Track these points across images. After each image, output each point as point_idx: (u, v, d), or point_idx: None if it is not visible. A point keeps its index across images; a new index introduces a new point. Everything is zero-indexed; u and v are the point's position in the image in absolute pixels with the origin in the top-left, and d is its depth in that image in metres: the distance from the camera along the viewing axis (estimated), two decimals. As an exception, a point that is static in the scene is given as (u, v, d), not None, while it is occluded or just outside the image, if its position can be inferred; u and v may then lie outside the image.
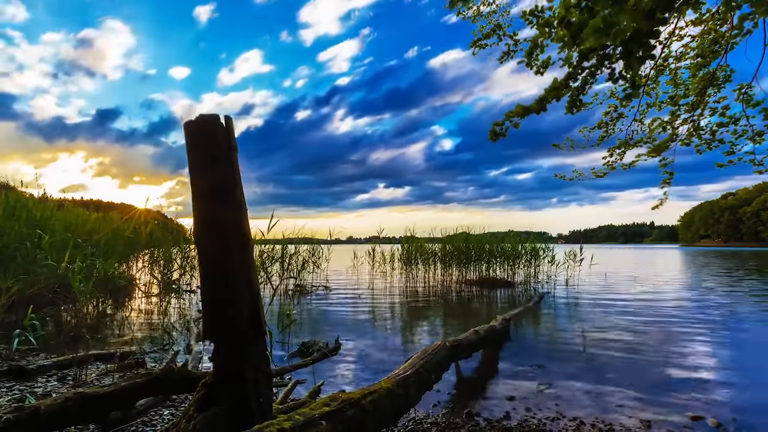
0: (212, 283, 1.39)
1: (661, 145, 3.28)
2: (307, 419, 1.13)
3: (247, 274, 1.43)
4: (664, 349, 3.84)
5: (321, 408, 1.23)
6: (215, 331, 1.37)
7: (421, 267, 9.51)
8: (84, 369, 3.04)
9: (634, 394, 2.68)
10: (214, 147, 1.48)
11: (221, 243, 1.41)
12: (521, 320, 5.18)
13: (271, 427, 1.02)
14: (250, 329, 1.40)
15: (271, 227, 4.26)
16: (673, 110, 3.31)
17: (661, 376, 3.08)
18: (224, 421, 1.23)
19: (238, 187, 1.51)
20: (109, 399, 1.93)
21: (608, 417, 2.34)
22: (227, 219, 1.45)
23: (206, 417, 1.21)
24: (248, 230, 1.49)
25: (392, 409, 1.53)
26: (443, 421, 2.22)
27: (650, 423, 2.26)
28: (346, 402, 1.30)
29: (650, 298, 7.30)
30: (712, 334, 4.46)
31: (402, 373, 1.81)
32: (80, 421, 1.90)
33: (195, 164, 1.49)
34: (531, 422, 2.24)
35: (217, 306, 1.38)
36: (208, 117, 1.49)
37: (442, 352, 2.34)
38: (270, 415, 1.39)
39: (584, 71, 2.27)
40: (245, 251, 1.44)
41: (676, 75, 3.95)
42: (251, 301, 1.42)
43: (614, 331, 4.57)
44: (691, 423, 2.28)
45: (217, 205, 1.46)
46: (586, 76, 2.33)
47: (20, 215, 4.89)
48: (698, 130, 3.36)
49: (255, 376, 1.39)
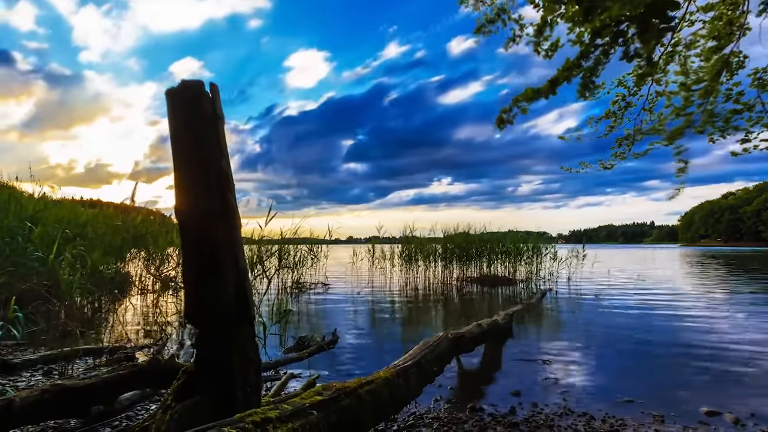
0: (195, 260, 1.27)
1: (675, 132, 3.16)
2: (296, 408, 1.01)
3: (233, 251, 1.31)
4: (673, 344, 3.72)
5: (312, 397, 1.11)
6: (198, 313, 1.26)
7: (422, 264, 9.39)
8: (71, 364, 2.93)
9: (645, 390, 2.56)
10: (199, 115, 1.37)
11: (204, 216, 1.30)
12: (524, 316, 5.07)
13: (254, 416, 0.90)
14: (236, 311, 1.28)
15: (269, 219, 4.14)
16: (686, 95, 3.19)
17: (671, 371, 2.96)
18: (206, 411, 1.12)
19: (224, 158, 1.40)
20: (89, 392, 1.81)
21: (619, 412, 2.23)
22: (212, 192, 1.33)
23: (186, 407, 1.10)
24: (233, 202, 1.38)
25: (391, 400, 1.41)
26: (446, 416, 2.10)
27: (663, 418, 2.14)
28: (341, 391, 1.19)
29: (655, 294, 7.18)
30: (721, 329, 4.34)
31: (402, 364, 1.69)
32: (58, 415, 1.78)
33: (177, 134, 1.37)
34: (538, 417, 2.12)
35: (200, 285, 1.26)
36: (192, 83, 1.38)
37: (444, 344, 2.22)
38: (258, 405, 1.27)
39: (597, 49, 2.16)
40: (231, 225, 1.33)
41: (685, 64, 3.84)
42: (238, 280, 1.30)
43: (620, 327, 4.45)
44: (707, 419, 2.16)
45: (199, 179, 1.34)
46: (599, 55, 2.22)
47: (10, 209, 4.77)
48: (712, 117, 3.24)
49: (242, 363, 1.27)
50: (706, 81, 3.25)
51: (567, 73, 2.15)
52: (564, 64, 2.15)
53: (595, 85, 2.36)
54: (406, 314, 5.41)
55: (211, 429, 0.81)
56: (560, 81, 2.18)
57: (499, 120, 2.62)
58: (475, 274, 9.44)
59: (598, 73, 2.27)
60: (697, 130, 3.37)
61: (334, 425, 1.08)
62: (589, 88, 2.32)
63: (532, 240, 9.91)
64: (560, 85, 2.23)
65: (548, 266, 9.89)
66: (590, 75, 2.25)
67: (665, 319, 4.94)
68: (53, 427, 1.85)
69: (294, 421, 0.96)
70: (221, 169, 1.38)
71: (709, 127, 3.46)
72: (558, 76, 2.15)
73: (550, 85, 2.19)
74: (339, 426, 1.10)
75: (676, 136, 3.14)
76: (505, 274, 9.48)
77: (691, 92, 3.10)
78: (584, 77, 2.27)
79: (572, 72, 2.15)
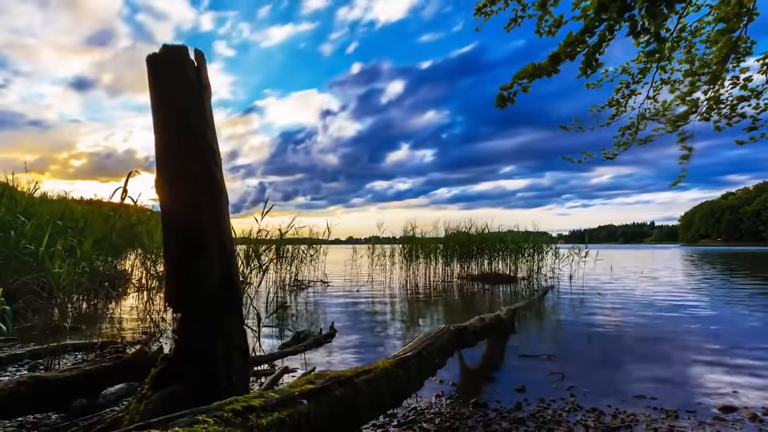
0: (176, 239, 1.17)
1: (680, 117, 3.06)
2: (284, 397, 0.91)
3: (219, 230, 1.21)
4: (680, 339, 3.62)
5: (303, 386, 1.01)
6: (180, 297, 1.15)
7: (422, 261, 9.29)
8: (59, 359, 2.82)
9: (654, 385, 2.46)
10: (182, 83, 1.27)
11: (187, 192, 1.20)
12: (527, 313, 4.96)
13: (235, 404, 0.80)
14: (222, 294, 1.18)
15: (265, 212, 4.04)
16: (693, 80, 3.09)
17: (679, 366, 2.86)
18: (186, 400, 1.01)
19: (210, 130, 1.29)
20: (70, 384, 1.71)
21: (629, 408, 2.12)
22: (195, 166, 1.23)
23: (163, 396, 0.99)
24: (220, 178, 1.27)
25: (390, 392, 1.31)
26: (448, 411, 2.00)
27: (677, 414, 2.04)
28: (335, 380, 1.09)
29: (660, 290, 7.07)
30: (730, 324, 4.24)
31: (402, 355, 1.59)
32: (37, 408, 1.68)
33: (159, 103, 1.27)
34: (545, 413, 2.02)
35: (182, 267, 1.16)
36: (175, 48, 1.28)
37: (446, 336, 2.12)
38: (245, 396, 1.17)
39: (602, 24, 2.06)
40: (216, 202, 1.23)
41: (689, 52, 3.73)
42: (223, 261, 1.20)
43: (626, 323, 4.35)
44: (722, 414, 2.05)
45: (183, 151, 1.24)
46: (604, 30, 2.12)
47: (2, 202, 4.68)
48: (718, 104, 3.14)
49: (227, 349, 1.17)
50: (714, 65, 3.15)
51: (570, 48, 2.05)
52: (566, 38, 2.05)
53: (598, 62, 2.26)
54: (406, 311, 5.30)
55: (183, 417, 0.71)
56: (562, 57, 2.07)
57: (500, 98, 2.51)
58: (476, 271, 9.34)
59: (602, 50, 2.17)
60: (702, 117, 3.27)
61: (326, 416, 0.98)
62: (591, 65, 2.22)
63: (533, 240, 9.81)
64: (562, 62, 2.13)
65: (550, 263, 9.79)
66: (594, 52, 2.14)
67: (671, 315, 4.84)
68: (32, 422, 1.75)
69: (281, 411, 0.86)
70: (206, 142, 1.28)
71: (714, 115, 3.36)
72: (559, 52, 2.05)
73: (550, 60, 2.09)
74: (332, 417, 1.00)
75: (680, 121, 3.04)
76: (506, 272, 9.38)
77: (697, 77, 3.00)
78: (587, 54, 2.16)
79: (575, 48, 2.04)
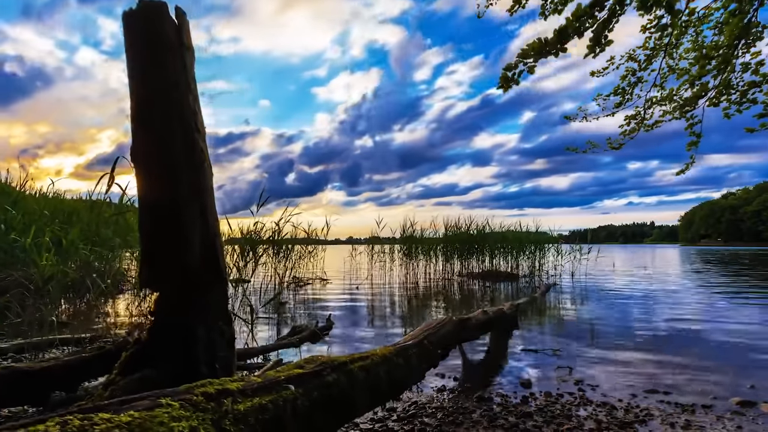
0: (152, 210, 1.06)
1: (689, 102, 2.94)
2: (268, 381, 0.80)
3: (200, 201, 1.10)
4: (690, 335, 3.50)
5: (291, 370, 0.90)
6: (156, 273, 1.04)
7: (422, 258, 9.18)
8: (44, 353, 2.71)
9: (666, 380, 2.34)
10: (160, 42, 1.16)
11: (165, 159, 1.08)
12: (530, 309, 4.85)
13: (208, 387, 0.69)
14: (204, 272, 1.07)
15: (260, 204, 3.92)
16: (702, 63, 2.98)
17: (691, 361, 2.74)
18: (159, 387, 0.90)
19: (191, 94, 1.18)
20: (46, 376, 1.59)
21: (641, 402, 2.01)
22: (175, 131, 1.12)
23: (131, 382, 0.88)
24: (203, 147, 1.16)
25: (389, 381, 1.20)
26: (450, 406, 1.89)
27: (693, 408, 1.93)
28: (327, 365, 0.97)
29: (664, 287, 6.95)
30: (739, 318, 4.12)
31: (402, 343, 1.48)
32: (10, 402, 1.57)
33: (135, 64, 1.16)
34: (554, 407, 1.91)
35: (158, 239, 1.05)
36: (153, 4, 1.17)
37: (448, 326, 2.01)
38: (228, 384, 1.05)
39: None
40: (199, 173, 1.12)
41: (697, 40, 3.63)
42: (206, 236, 1.09)
43: (631, 318, 4.24)
44: (740, 409, 1.94)
45: (161, 116, 1.13)
46: (614, 4, 2.01)
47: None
48: (728, 89, 3.03)
49: (209, 334, 1.06)
50: (724, 49, 3.04)
51: (578, 23, 1.93)
52: (575, 10, 1.93)
53: (607, 40, 2.14)
54: (405, 307, 5.19)
55: (142, 399, 0.60)
56: (569, 32, 1.96)
57: (503, 79, 2.39)
58: (477, 269, 9.22)
59: (612, 27, 2.05)
60: (711, 102, 3.16)
61: (317, 404, 0.87)
62: (600, 43, 2.10)
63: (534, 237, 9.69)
64: (570, 39, 2.01)
65: (552, 260, 9.68)
66: (603, 28, 2.03)
67: (677, 311, 4.72)
68: (6, 416, 1.63)
69: (263, 396, 0.75)
70: (187, 107, 1.16)
71: (724, 101, 3.26)
72: (567, 26, 1.93)
73: (558, 36, 1.97)
74: (323, 405, 0.89)
75: (690, 105, 2.93)
76: (507, 269, 9.27)
77: (707, 60, 2.89)
78: (597, 30, 2.05)
79: (584, 23, 1.93)
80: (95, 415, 0.53)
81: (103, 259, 4.51)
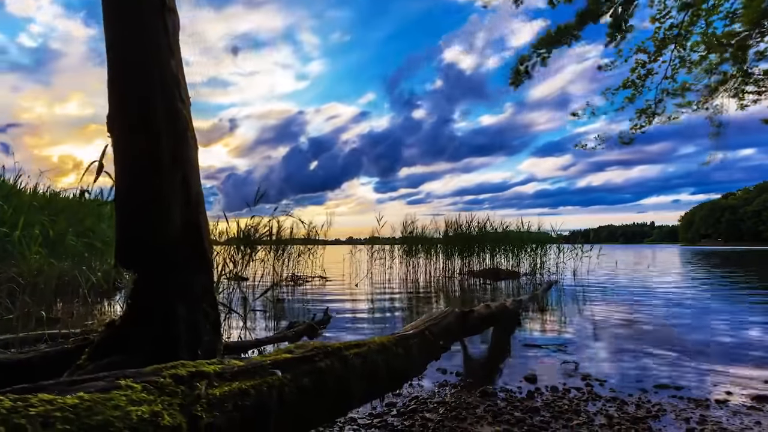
0: (129, 181, 0.97)
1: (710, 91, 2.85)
2: (251, 365, 0.71)
3: (181, 173, 1.01)
4: (697, 331, 3.41)
5: (279, 354, 0.81)
6: (133, 250, 0.95)
7: (423, 256, 9.08)
8: (32, 348, 2.62)
9: (676, 376, 2.26)
10: (140, 2, 1.07)
11: (145, 127, 0.99)
12: (532, 306, 4.76)
13: (180, 369, 0.60)
14: (185, 249, 0.98)
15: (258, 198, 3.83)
16: (720, 51, 2.89)
17: (702, 357, 2.65)
18: (132, 373, 0.81)
19: (173, 58, 1.09)
20: (25, 368, 1.50)
21: (653, 397, 1.93)
22: (155, 97, 1.03)
23: (97, 367, 0.79)
24: (186, 116, 1.07)
25: (387, 371, 1.11)
26: (453, 401, 1.79)
27: (707, 403, 1.84)
28: (319, 350, 0.88)
29: (667, 285, 6.86)
30: (746, 317, 4.04)
31: (402, 332, 1.39)
32: (-15, 396, 1.48)
33: (113, 25, 1.07)
34: (561, 402, 1.82)
35: (136, 214, 0.96)
36: (132, -40, 1.08)
37: (450, 317, 1.92)
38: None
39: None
40: (180, 140, 1.02)
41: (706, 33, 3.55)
42: (187, 211, 0.99)
43: (635, 315, 4.15)
44: (757, 404, 1.85)
45: (141, 80, 1.04)
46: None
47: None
48: (747, 77, 2.94)
49: (192, 315, 0.97)
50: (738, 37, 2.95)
51: (599, 6, 1.84)
52: (593, -9, 1.84)
53: (628, 26, 2.05)
54: (405, 305, 5.10)
55: (97, 380, 0.51)
56: (590, 15, 1.87)
57: (515, 74, 2.30)
58: (478, 267, 9.13)
59: (632, 12, 1.97)
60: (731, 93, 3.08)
61: (306, 392, 0.77)
62: (620, 29, 2.02)
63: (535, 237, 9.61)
64: (588, 23, 1.92)
65: (554, 258, 9.60)
66: (624, 11, 1.94)
67: (682, 309, 4.64)
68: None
69: (244, 381, 0.66)
70: (169, 71, 1.07)
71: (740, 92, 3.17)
72: (591, 8, 1.85)
73: (579, 19, 1.89)
74: (314, 394, 0.80)
75: (712, 95, 2.84)
76: (508, 267, 9.17)
77: (723, 48, 2.80)
78: (616, 16, 1.96)
79: (606, 5, 1.84)
80: (33, 395, 0.44)
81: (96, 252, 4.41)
